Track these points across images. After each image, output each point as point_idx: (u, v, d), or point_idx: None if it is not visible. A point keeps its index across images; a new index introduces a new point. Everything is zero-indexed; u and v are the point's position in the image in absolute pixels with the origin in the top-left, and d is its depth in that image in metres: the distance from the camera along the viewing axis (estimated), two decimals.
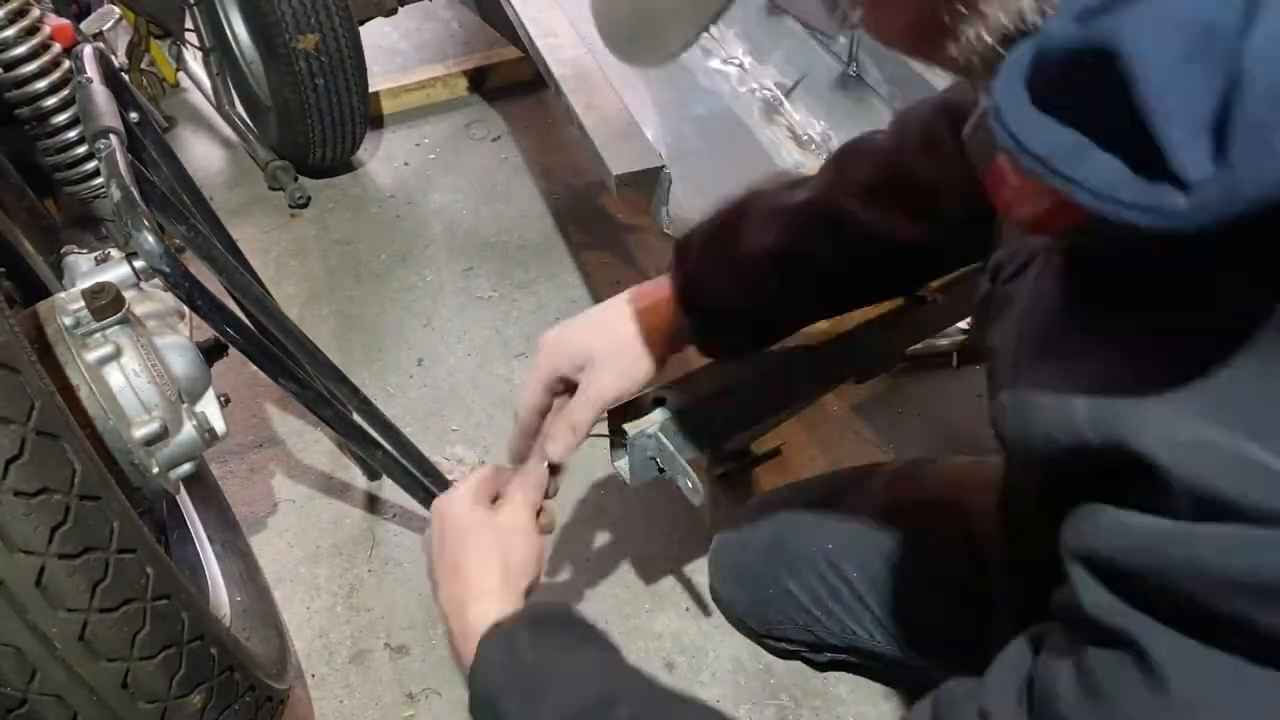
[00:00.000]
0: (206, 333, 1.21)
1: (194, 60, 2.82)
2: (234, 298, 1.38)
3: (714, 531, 1.10)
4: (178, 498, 1.37)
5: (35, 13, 1.36)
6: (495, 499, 0.86)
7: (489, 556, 0.81)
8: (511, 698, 0.72)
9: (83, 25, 1.99)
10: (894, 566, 0.98)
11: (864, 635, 1.02)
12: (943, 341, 1.90)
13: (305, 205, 2.47)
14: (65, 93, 1.38)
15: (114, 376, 1.06)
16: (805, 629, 1.06)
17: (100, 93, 1.22)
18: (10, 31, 1.32)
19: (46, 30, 1.38)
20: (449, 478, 1.64)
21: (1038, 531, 0.55)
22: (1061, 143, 0.38)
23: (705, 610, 1.54)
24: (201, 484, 1.49)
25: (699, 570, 1.59)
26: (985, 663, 0.55)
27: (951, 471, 1.06)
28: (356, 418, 1.51)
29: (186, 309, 1.19)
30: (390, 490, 1.73)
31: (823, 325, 0.99)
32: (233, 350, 1.23)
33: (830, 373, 1.13)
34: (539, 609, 0.79)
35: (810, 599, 1.03)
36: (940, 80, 1.21)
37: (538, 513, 0.87)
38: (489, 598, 0.79)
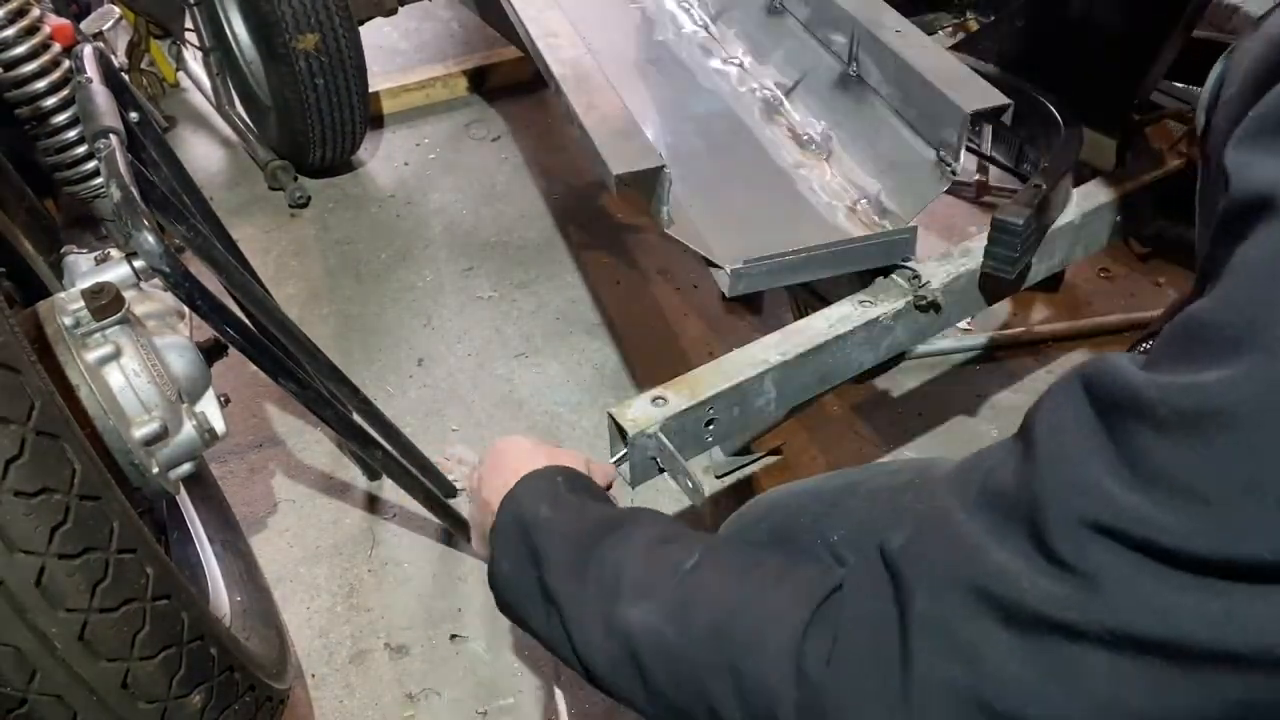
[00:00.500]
0: (206, 333, 1.21)
1: (194, 60, 2.82)
2: (234, 298, 1.38)
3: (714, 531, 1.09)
4: (178, 498, 1.37)
5: (35, 13, 1.36)
6: None
7: (537, 453, 0.84)
8: (549, 512, 0.75)
9: (83, 25, 2.00)
10: None
11: None
12: (947, 342, 1.91)
13: (305, 205, 2.47)
14: (65, 93, 1.38)
15: (114, 376, 1.06)
16: None
17: (100, 93, 1.22)
18: (10, 31, 1.32)
19: (46, 30, 1.38)
20: (449, 478, 1.64)
21: None
22: None
23: None
24: (201, 484, 1.49)
25: None
26: None
27: None
28: (356, 418, 1.51)
29: (186, 309, 1.19)
30: (390, 490, 1.73)
31: None
32: (233, 350, 1.24)
33: None
34: (581, 476, 0.82)
35: None
36: (939, 80, 1.20)
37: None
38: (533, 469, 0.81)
